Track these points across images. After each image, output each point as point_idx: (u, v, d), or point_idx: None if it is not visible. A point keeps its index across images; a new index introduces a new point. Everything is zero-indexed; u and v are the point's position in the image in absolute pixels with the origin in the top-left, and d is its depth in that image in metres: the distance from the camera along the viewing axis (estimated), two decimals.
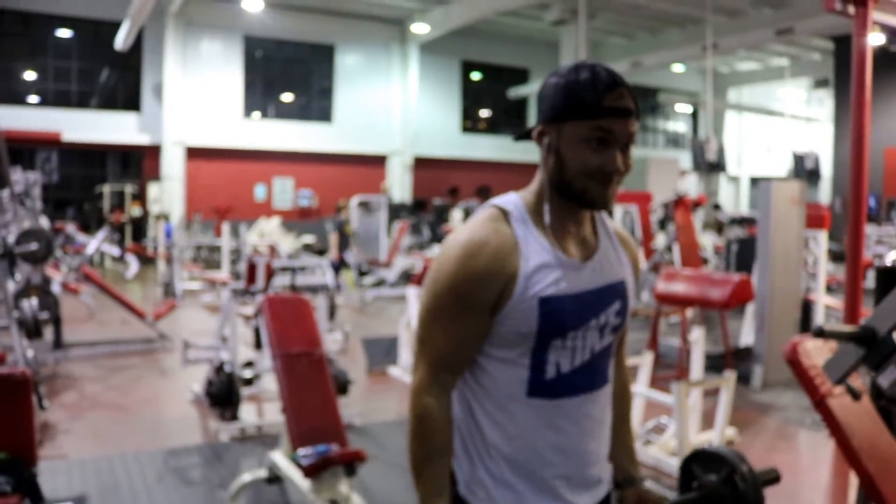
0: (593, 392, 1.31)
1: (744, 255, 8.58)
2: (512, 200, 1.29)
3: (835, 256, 11.71)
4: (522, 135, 1.31)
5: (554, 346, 1.25)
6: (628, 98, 1.21)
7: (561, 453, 1.29)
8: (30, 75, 16.38)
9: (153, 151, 16.91)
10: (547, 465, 1.28)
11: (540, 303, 1.22)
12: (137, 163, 17.35)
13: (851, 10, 4.35)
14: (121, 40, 14.68)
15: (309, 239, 14.99)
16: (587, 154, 1.21)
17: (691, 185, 19.48)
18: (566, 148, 1.22)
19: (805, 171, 16.24)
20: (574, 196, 1.24)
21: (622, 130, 1.21)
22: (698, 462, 1.33)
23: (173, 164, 16.71)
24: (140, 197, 16.83)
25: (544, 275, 1.23)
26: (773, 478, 1.32)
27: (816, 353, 2.20)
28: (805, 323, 6.25)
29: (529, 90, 20.32)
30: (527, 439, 1.27)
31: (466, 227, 1.27)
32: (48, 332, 6.40)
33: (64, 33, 16.58)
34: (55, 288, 6.67)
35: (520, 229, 1.25)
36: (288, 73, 18.68)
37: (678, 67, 21.80)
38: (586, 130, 1.20)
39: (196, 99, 17.04)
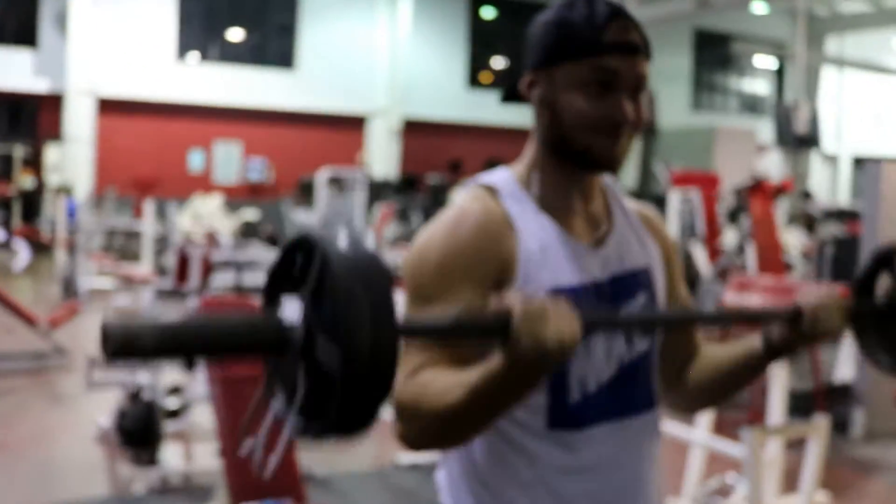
0: (628, 418, 1.32)
1: (842, 259, 8.60)
2: (500, 176, 1.36)
3: None
4: (510, 94, 1.36)
5: (576, 356, 1.24)
6: (634, 32, 1.27)
7: (593, 501, 1.29)
8: None
9: (53, 102, 16.91)
10: None
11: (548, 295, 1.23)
12: (31, 117, 17.36)
13: None
14: None
15: (251, 215, 14.84)
16: (588, 101, 1.26)
17: (773, 166, 19.51)
18: (562, 97, 1.27)
19: None
20: (575, 156, 1.29)
21: (629, 70, 1.25)
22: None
23: (80, 121, 16.72)
24: (34, 163, 16.83)
25: (548, 261, 1.27)
26: None
27: None
28: None
29: None
30: (549, 487, 1.27)
31: (445, 211, 1.32)
32: None
33: None
34: None
35: (513, 206, 1.30)
36: (237, 4, 18.69)
37: (760, 8, 21.83)
38: (585, 72, 1.25)
39: (112, 34, 17.05)
